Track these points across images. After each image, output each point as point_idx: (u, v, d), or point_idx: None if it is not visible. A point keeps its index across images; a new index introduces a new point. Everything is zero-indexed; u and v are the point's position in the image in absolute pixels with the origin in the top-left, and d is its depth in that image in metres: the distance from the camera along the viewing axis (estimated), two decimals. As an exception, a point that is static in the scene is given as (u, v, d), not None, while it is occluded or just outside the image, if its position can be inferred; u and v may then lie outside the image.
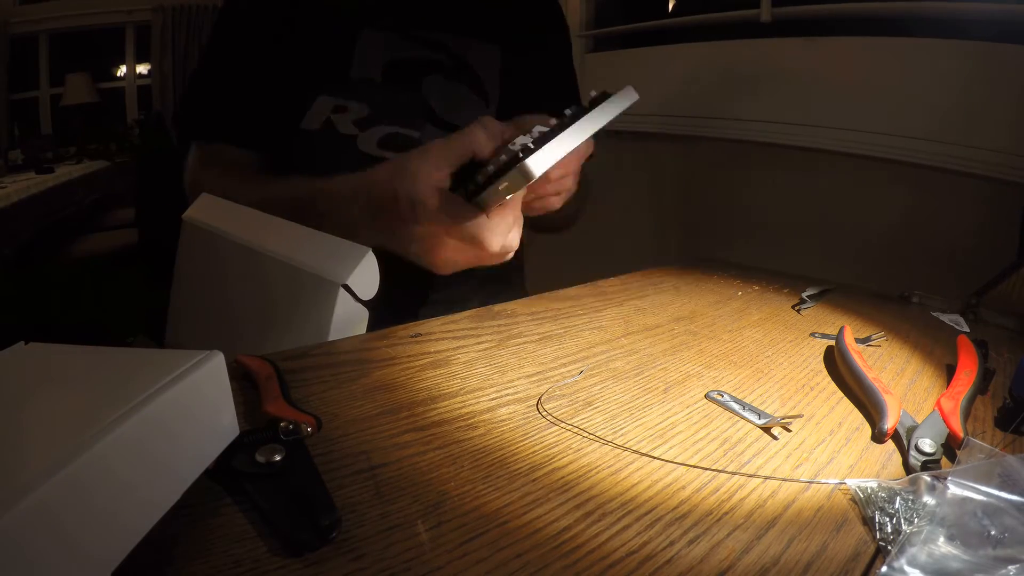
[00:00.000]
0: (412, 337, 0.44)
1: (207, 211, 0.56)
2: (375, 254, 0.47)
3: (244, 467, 0.26)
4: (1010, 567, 0.21)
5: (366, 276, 0.46)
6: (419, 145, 0.49)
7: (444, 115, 0.71)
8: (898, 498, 0.25)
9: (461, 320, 0.48)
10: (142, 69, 3.76)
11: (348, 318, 0.45)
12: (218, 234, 0.53)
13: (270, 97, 0.66)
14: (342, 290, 0.45)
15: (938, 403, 0.33)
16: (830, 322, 0.50)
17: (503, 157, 0.42)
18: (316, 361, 0.40)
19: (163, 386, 0.22)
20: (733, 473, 0.28)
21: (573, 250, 1.32)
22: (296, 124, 0.67)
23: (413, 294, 0.70)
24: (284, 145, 0.67)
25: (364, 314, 0.47)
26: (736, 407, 0.34)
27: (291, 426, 0.29)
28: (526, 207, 0.51)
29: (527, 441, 0.30)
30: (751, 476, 0.28)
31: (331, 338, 0.45)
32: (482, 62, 0.74)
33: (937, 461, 0.29)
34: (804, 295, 0.56)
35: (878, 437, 0.31)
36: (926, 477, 0.26)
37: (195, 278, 0.58)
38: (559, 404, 0.34)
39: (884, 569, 0.22)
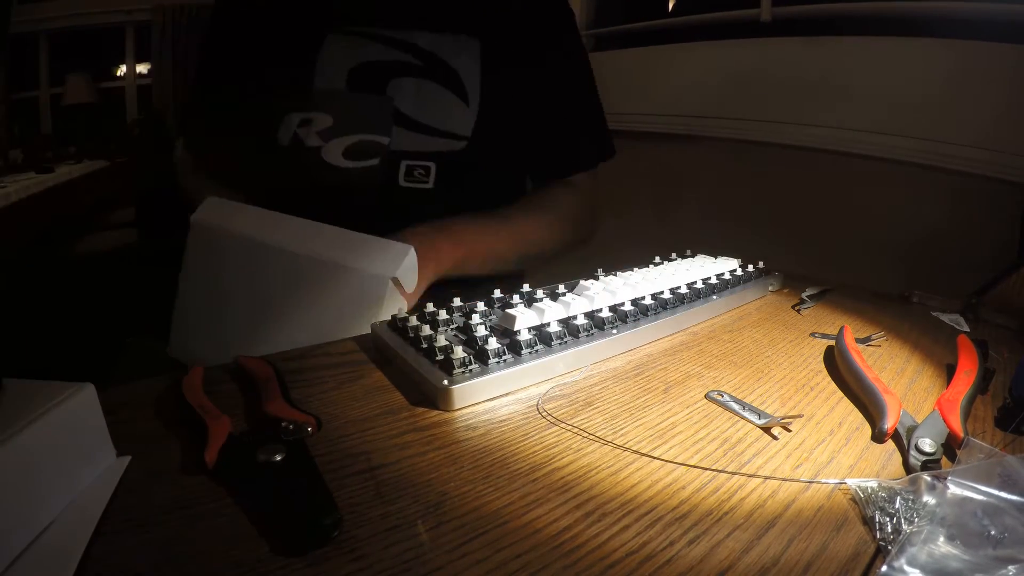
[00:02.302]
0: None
1: (220, 214, 0.56)
2: None
3: (245, 467, 0.26)
4: (1010, 567, 0.21)
5: (410, 270, 0.50)
6: (387, 151, 0.50)
7: (416, 117, 0.69)
8: (898, 498, 0.25)
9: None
10: (142, 69, 3.76)
11: (392, 311, 0.46)
12: (241, 237, 0.53)
13: (250, 114, 0.68)
14: (391, 283, 0.48)
15: (938, 403, 0.33)
16: (830, 322, 0.50)
17: None
18: (316, 361, 0.40)
19: (30, 420, 0.22)
20: (733, 473, 0.28)
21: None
22: (271, 139, 0.68)
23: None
24: (262, 160, 0.68)
25: (404, 307, 0.50)
26: (736, 407, 0.34)
27: (292, 426, 0.29)
28: None
29: (527, 441, 0.30)
30: (751, 476, 0.28)
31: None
32: (459, 57, 0.71)
33: (937, 461, 0.29)
34: (804, 295, 0.56)
35: (878, 437, 0.31)
36: (926, 477, 0.26)
37: (211, 280, 0.57)
38: (559, 404, 0.34)
39: (884, 569, 0.22)
